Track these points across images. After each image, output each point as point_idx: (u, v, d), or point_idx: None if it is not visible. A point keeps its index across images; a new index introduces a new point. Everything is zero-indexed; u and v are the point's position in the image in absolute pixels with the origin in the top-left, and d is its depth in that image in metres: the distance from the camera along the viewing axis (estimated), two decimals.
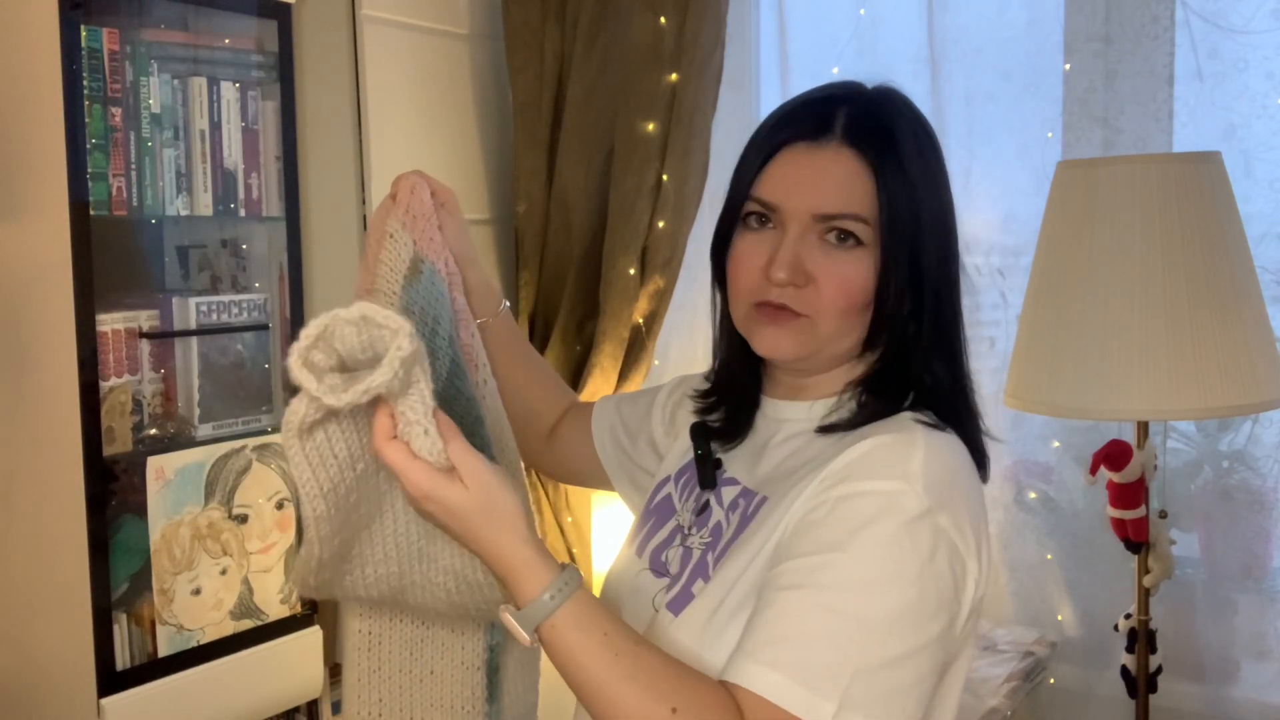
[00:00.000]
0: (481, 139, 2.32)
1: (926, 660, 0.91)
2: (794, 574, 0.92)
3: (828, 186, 1.00)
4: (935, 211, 1.03)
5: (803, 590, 0.90)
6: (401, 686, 1.05)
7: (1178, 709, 1.97)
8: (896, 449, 0.96)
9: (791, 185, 1.01)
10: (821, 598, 0.89)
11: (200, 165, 1.84)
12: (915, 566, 0.91)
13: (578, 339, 2.29)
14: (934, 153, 1.06)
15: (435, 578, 0.98)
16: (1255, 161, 1.93)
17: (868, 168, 1.00)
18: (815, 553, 0.92)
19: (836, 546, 0.91)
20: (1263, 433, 1.97)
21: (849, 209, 0.99)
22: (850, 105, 1.03)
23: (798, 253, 1.00)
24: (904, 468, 0.94)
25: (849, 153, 1.00)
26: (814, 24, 2.35)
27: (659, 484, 1.18)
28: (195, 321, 1.84)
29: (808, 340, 1.02)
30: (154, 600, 1.74)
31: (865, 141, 1.00)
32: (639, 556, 1.13)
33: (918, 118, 1.06)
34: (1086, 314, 1.62)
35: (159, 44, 1.79)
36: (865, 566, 0.90)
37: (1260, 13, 1.93)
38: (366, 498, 0.94)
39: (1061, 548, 2.13)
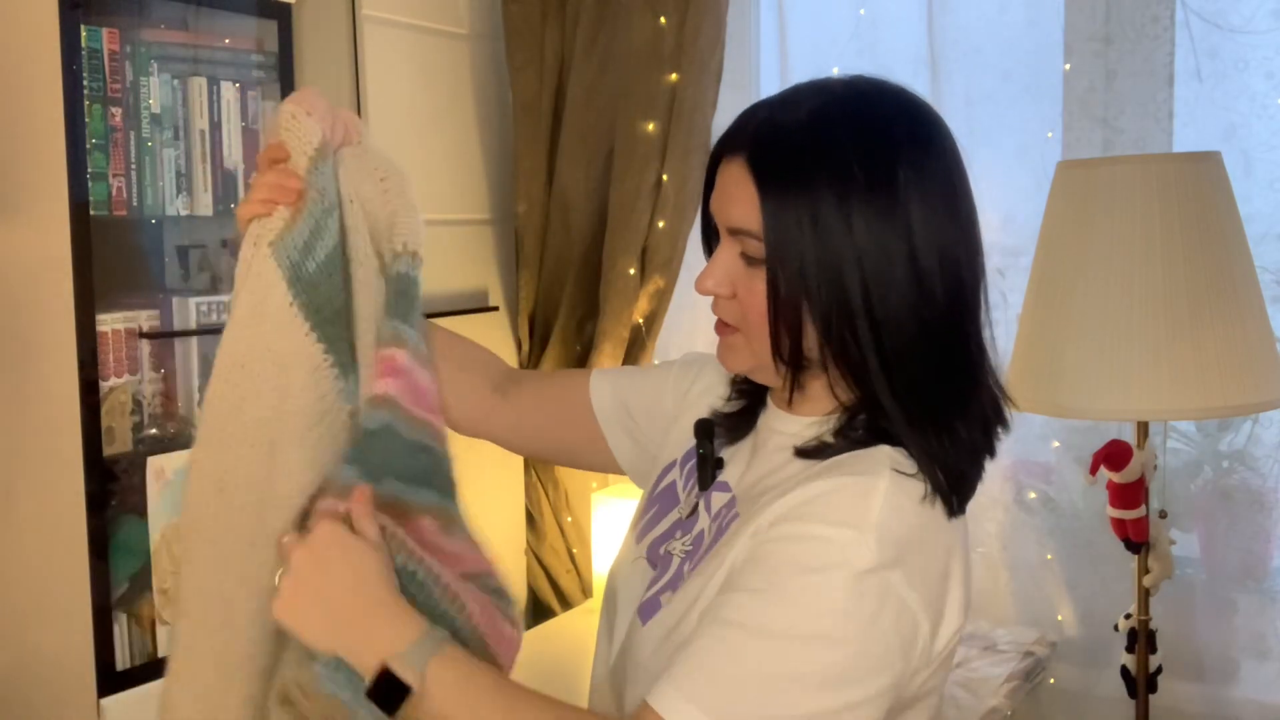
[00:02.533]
0: (481, 139, 2.32)
1: (863, 713, 0.89)
2: (733, 609, 0.90)
3: (732, 200, 0.97)
4: (836, 241, 0.91)
5: (737, 629, 0.88)
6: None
7: (1178, 709, 1.97)
8: (856, 494, 0.90)
9: (717, 197, 1.00)
10: (752, 642, 0.87)
11: (200, 165, 1.84)
12: (855, 626, 0.87)
13: (578, 339, 2.29)
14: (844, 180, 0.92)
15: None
16: (1255, 161, 1.93)
17: (755, 184, 0.94)
18: (757, 590, 0.89)
19: (777, 590, 0.88)
20: (1263, 433, 1.97)
21: (743, 224, 0.95)
22: (764, 118, 0.97)
23: (722, 266, 0.99)
24: (860, 516, 0.89)
25: (740, 165, 0.96)
26: (814, 24, 2.35)
27: (665, 468, 1.16)
28: (195, 321, 1.84)
29: (745, 354, 1.00)
30: (154, 600, 1.74)
31: (759, 157, 0.95)
32: (637, 544, 1.12)
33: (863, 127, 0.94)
34: (1086, 314, 1.62)
35: (159, 44, 1.79)
36: (802, 617, 0.87)
37: (1260, 13, 1.93)
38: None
39: (1061, 548, 2.13)
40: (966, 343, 0.98)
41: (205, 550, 0.96)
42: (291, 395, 0.96)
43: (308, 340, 0.96)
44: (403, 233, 1.05)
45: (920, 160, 0.94)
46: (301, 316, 0.96)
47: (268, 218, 0.97)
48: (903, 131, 0.95)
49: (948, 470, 0.94)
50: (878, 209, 0.91)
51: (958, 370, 0.97)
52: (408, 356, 1.00)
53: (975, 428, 0.97)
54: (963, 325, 0.97)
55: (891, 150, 0.93)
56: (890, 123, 0.95)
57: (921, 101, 1.00)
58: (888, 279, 0.92)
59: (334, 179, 1.00)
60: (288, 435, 0.96)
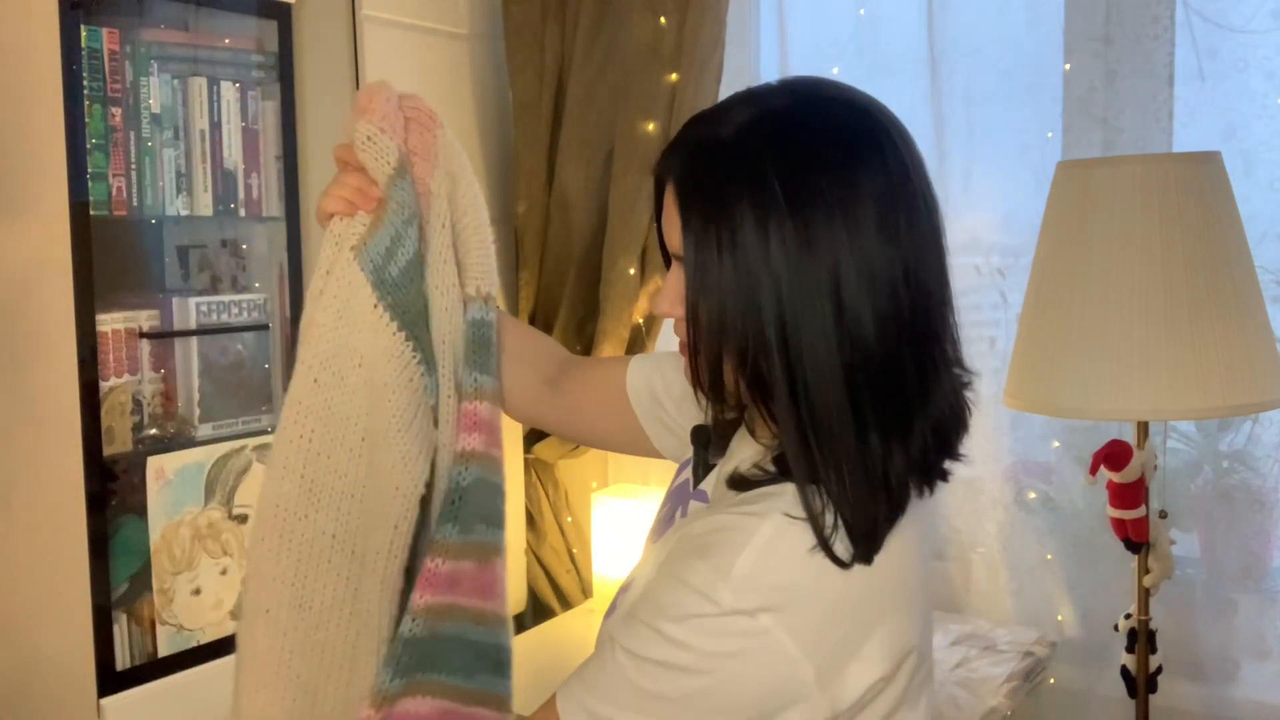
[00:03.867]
0: (481, 139, 2.32)
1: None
2: (620, 631, 0.92)
3: (667, 222, 0.94)
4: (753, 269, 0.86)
5: (621, 651, 0.91)
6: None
7: (1178, 709, 1.97)
8: (731, 539, 0.88)
9: (663, 219, 0.96)
10: (629, 662, 0.90)
11: (200, 165, 1.84)
12: (710, 661, 0.87)
13: (578, 339, 2.29)
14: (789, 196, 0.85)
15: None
16: (1255, 161, 1.93)
17: (677, 203, 0.91)
18: (639, 620, 0.91)
19: (651, 623, 0.89)
20: (1263, 433, 1.97)
21: (676, 249, 0.92)
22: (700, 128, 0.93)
23: (672, 288, 0.96)
24: (728, 561, 0.86)
25: (671, 188, 0.93)
26: (814, 24, 2.35)
27: (681, 466, 1.17)
28: (195, 321, 1.84)
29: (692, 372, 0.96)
30: (154, 600, 1.74)
31: (680, 176, 0.91)
32: (652, 544, 1.13)
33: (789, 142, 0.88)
34: (1086, 314, 1.62)
35: (159, 44, 1.79)
36: (666, 649, 0.88)
37: (1260, 13, 1.93)
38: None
39: (1061, 548, 2.13)
40: (901, 373, 0.89)
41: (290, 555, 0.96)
42: (387, 392, 0.97)
43: (396, 339, 0.98)
44: (477, 275, 1.07)
45: (852, 178, 0.87)
46: (389, 317, 0.97)
47: (349, 219, 0.99)
48: (834, 147, 0.88)
49: (852, 515, 0.88)
50: (799, 234, 0.85)
51: (889, 404, 0.88)
52: (489, 408, 1.03)
53: (902, 466, 0.90)
54: (899, 354, 0.88)
55: (818, 169, 0.86)
56: (821, 137, 0.88)
57: (868, 108, 0.92)
58: (806, 309, 0.85)
59: (413, 191, 1.02)
60: (387, 430, 0.97)
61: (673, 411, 1.18)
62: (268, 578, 0.95)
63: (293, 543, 0.95)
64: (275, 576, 0.95)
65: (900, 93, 2.20)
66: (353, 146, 1.02)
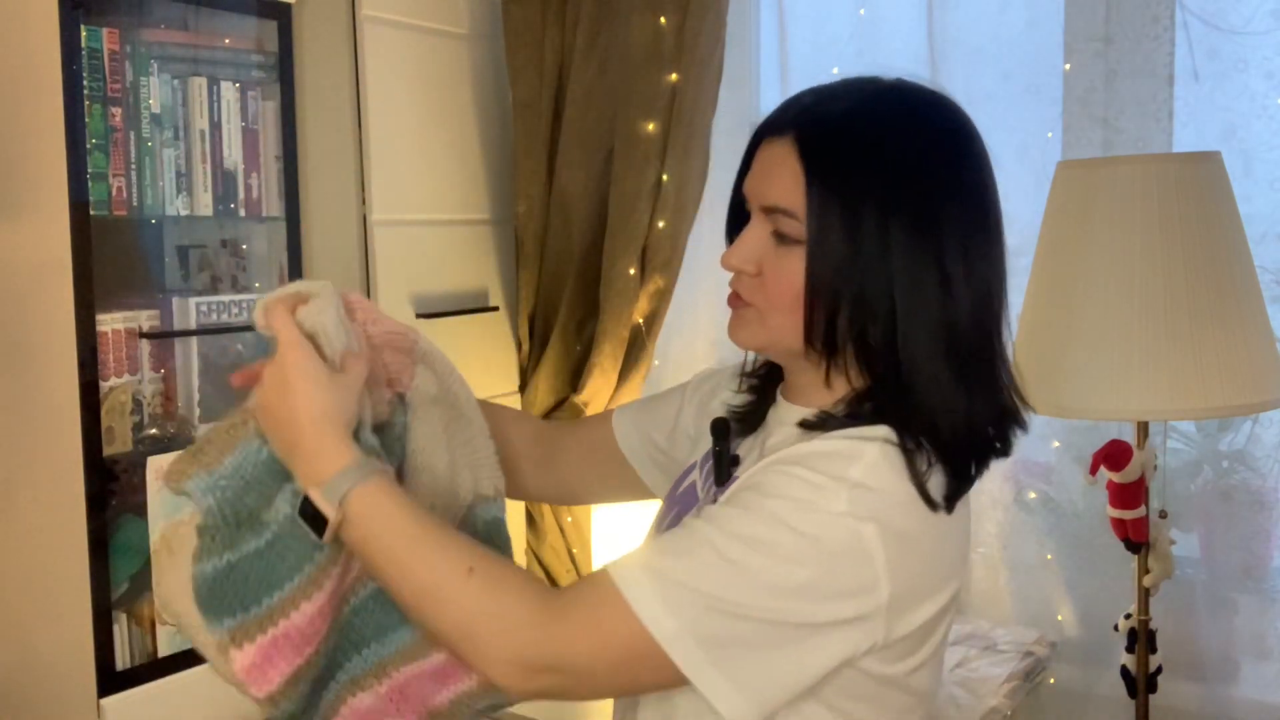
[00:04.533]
0: (481, 139, 2.32)
1: (805, 642, 0.91)
2: (708, 514, 0.95)
3: (772, 178, 1.00)
4: (859, 229, 0.95)
5: (703, 524, 0.93)
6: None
7: (1178, 709, 1.96)
8: (841, 453, 0.95)
9: (754, 176, 1.03)
10: (715, 536, 0.92)
11: (200, 165, 1.84)
12: (819, 551, 0.90)
13: (578, 339, 2.29)
14: (893, 170, 0.97)
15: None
16: (1255, 161, 1.93)
17: (802, 166, 0.97)
18: (731, 505, 0.94)
19: (749, 507, 0.92)
20: (1263, 433, 1.97)
21: (781, 202, 0.98)
22: (812, 103, 1.01)
23: (751, 243, 1.01)
24: (841, 470, 0.93)
25: (788, 146, 0.99)
26: (814, 24, 2.34)
27: (685, 471, 1.18)
28: (195, 321, 1.84)
29: (758, 330, 1.03)
30: (154, 600, 1.74)
31: (808, 140, 0.98)
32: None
33: (890, 131, 0.99)
34: (1086, 314, 1.62)
35: (159, 44, 1.79)
36: (769, 529, 0.91)
37: (1259, 13, 1.93)
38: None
39: (1061, 548, 2.13)
40: (986, 336, 1.00)
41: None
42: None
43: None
44: (490, 474, 1.13)
45: (959, 164, 1.02)
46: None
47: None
48: (946, 137, 1.02)
49: (945, 458, 0.96)
50: (918, 208, 0.96)
51: (978, 362, 0.99)
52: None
53: (986, 419, 0.99)
54: (984, 325, 1.00)
55: (935, 152, 1.00)
56: (935, 125, 1.02)
57: (959, 108, 1.06)
58: (917, 271, 0.96)
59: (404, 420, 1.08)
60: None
61: (665, 446, 1.24)
62: None
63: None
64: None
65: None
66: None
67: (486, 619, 0.92)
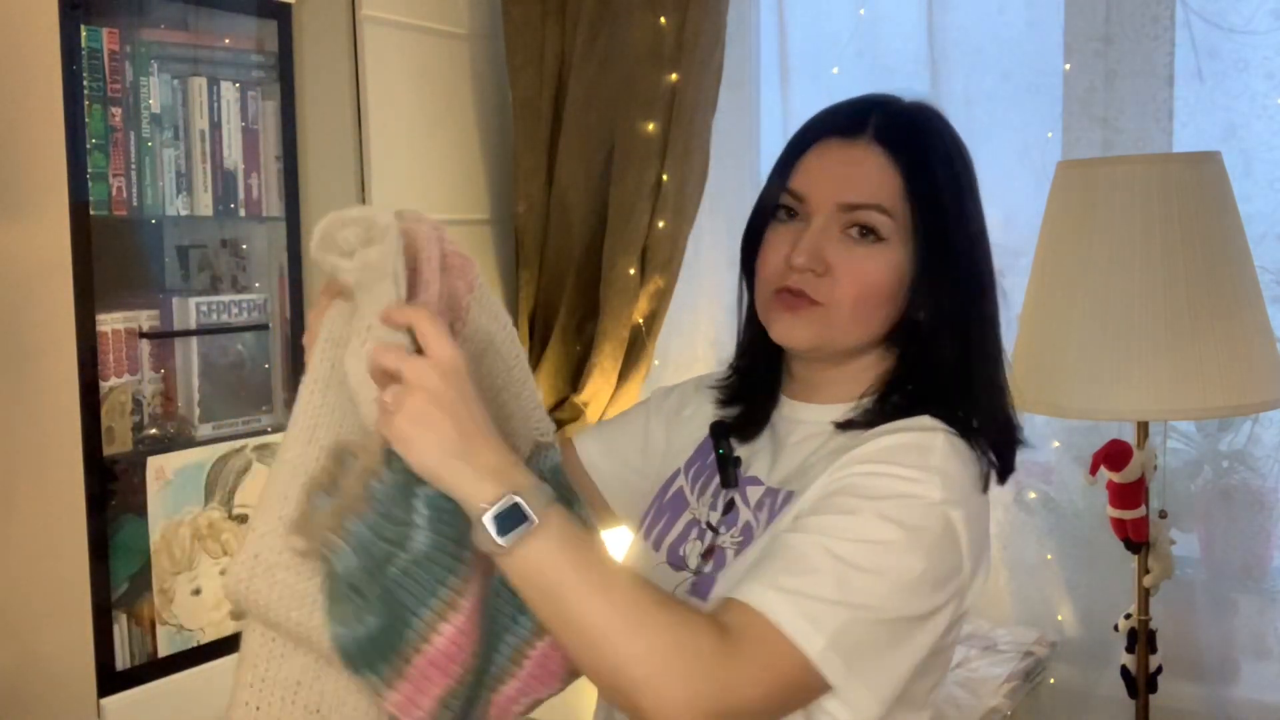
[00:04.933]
0: (481, 139, 2.32)
1: (917, 633, 0.94)
2: (806, 525, 0.95)
3: (855, 177, 1.03)
4: (962, 219, 1.06)
5: (813, 536, 0.93)
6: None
7: (1178, 709, 1.96)
8: (917, 444, 0.99)
9: (820, 176, 1.04)
10: (833, 544, 0.92)
11: (200, 165, 1.84)
12: (926, 540, 0.94)
13: (578, 339, 2.29)
14: (965, 166, 1.08)
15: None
16: (1255, 161, 1.93)
17: (895, 165, 1.03)
18: (831, 513, 0.95)
19: (854, 510, 0.94)
20: (1263, 433, 1.97)
21: (873, 199, 1.02)
22: (885, 107, 1.07)
23: (819, 241, 1.03)
24: (924, 460, 0.97)
25: (878, 149, 1.03)
26: (814, 24, 2.34)
27: (670, 477, 1.18)
28: (195, 321, 1.84)
29: (821, 329, 1.04)
30: (154, 600, 1.74)
31: (895, 140, 1.04)
32: (655, 550, 1.13)
33: (952, 132, 1.09)
34: (1086, 314, 1.62)
35: (159, 44, 1.79)
36: (880, 528, 0.93)
37: (1260, 13, 1.93)
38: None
39: (1061, 548, 2.13)
40: (998, 328, 1.10)
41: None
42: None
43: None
44: (539, 421, 1.06)
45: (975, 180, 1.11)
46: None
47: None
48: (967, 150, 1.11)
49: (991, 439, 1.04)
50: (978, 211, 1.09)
51: (999, 353, 1.09)
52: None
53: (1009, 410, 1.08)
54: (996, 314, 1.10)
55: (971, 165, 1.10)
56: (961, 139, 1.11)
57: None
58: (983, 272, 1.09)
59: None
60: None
61: (639, 464, 1.24)
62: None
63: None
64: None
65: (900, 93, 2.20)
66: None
67: (664, 664, 0.86)
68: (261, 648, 0.94)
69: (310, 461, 0.92)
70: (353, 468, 0.89)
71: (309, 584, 0.90)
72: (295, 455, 0.92)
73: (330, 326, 0.94)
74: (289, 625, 0.91)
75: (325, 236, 0.91)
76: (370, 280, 0.89)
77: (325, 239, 0.90)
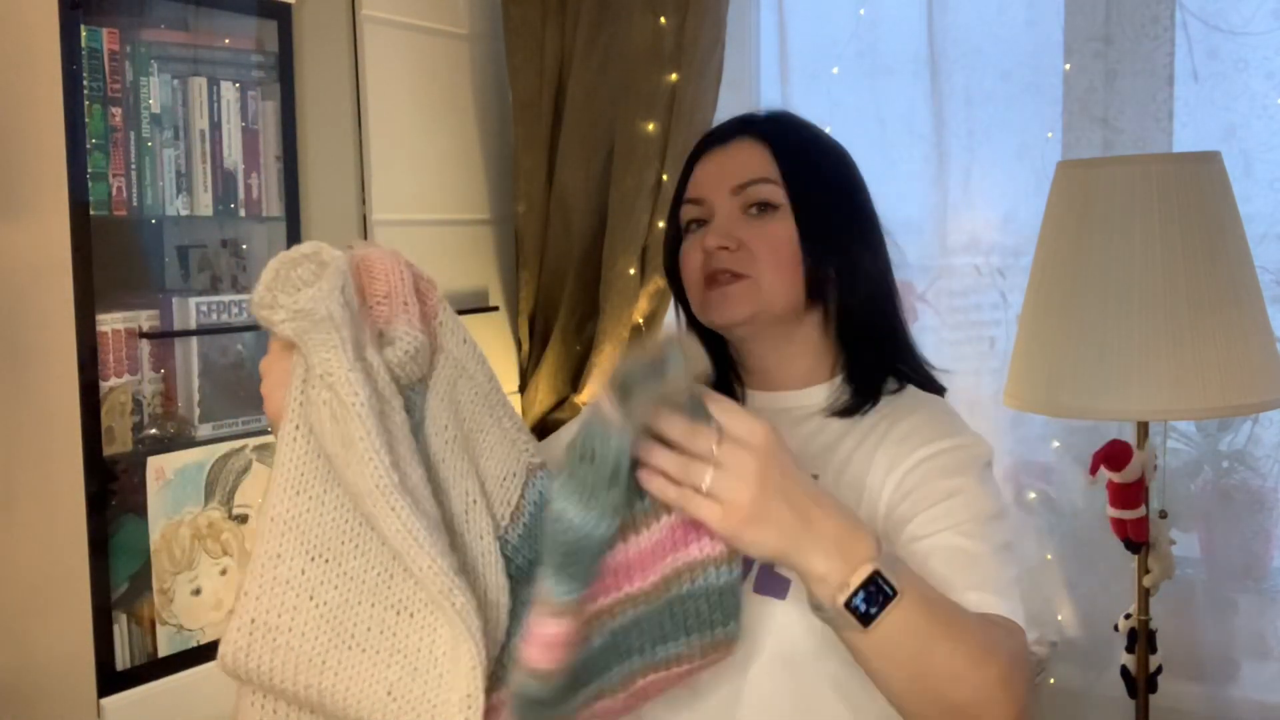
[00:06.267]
0: (481, 139, 2.32)
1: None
2: (930, 523, 1.03)
3: (738, 163, 1.18)
4: (832, 179, 1.20)
5: (948, 532, 1.03)
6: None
7: (1178, 709, 1.96)
8: (943, 414, 1.15)
9: (710, 175, 1.20)
10: (980, 526, 1.03)
11: (200, 165, 1.84)
12: (1000, 500, 1.09)
13: (578, 339, 2.29)
14: (829, 141, 1.24)
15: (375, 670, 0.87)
16: (1255, 161, 1.93)
17: (766, 145, 1.18)
18: (938, 501, 1.04)
19: (953, 493, 1.04)
20: (1263, 433, 1.97)
21: (758, 174, 1.16)
22: (750, 116, 1.24)
23: (726, 225, 1.16)
24: (958, 425, 1.14)
25: (750, 140, 1.19)
26: (814, 24, 2.34)
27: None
28: (195, 321, 1.84)
29: (753, 299, 1.14)
30: (154, 600, 1.74)
31: (763, 131, 1.20)
32: None
33: (811, 123, 1.26)
34: (1086, 314, 1.62)
35: (159, 44, 1.79)
36: (983, 502, 1.05)
37: (1260, 13, 1.93)
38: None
39: (1061, 548, 2.13)
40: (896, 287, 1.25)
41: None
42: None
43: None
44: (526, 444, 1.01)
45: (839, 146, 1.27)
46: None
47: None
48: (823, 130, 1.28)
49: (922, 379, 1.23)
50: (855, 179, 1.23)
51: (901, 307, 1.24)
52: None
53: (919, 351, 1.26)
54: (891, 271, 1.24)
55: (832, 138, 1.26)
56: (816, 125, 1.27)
57: None
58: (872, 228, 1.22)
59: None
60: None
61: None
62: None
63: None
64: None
65: (900, 93, 2.20)
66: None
67: (1005, 685, 0.89)
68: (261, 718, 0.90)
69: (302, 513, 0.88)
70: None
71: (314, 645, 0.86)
72: (285, 510, 0.88)
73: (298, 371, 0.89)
74: (295, 690, 0.87)
75: (277, 278, 0.87)
76: (306, 328, 0.85)
77: (277, 279, 0.87)
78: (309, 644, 0.87)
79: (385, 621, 0.87)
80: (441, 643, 0.86)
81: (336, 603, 0.87)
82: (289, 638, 0.87)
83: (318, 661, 0.87)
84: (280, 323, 0.86)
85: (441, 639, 0.86)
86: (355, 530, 0.89)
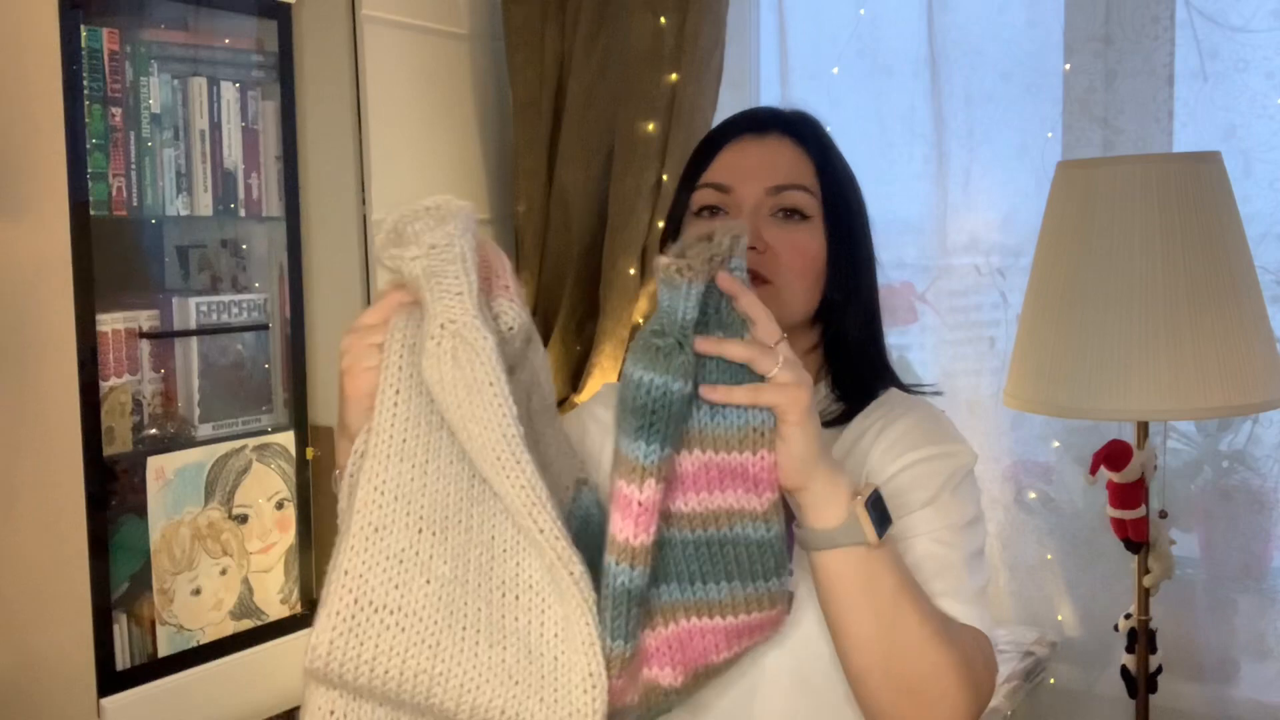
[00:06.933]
0: (481, 139, 2.32)
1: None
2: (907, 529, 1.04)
3: (777, 163, 1.13)
4: (856, 204, 1.17)
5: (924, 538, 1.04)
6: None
7: (1178, 709, 1.97)
8: (932, 419, 1.13)
9: (743, 166, 1.13)
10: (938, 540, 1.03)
11: (200, 165, 1.84)
12: (978, 508, 1.09)
13: (578, 339, 2.29)
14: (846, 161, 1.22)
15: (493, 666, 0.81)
16: (1255, 161, 1.93)
17: (806, 152, 1.14)
18: (916, 509, 1.04)
19: (932, 501, 1.05)
20: (1263, 433, 1.97)
21: (798, 180, 1.12)
22: (780, 112, 1.19)
23: (755, 224, 1.10)
24: (947, 432, 1.12)
25: (789, 140, 1.14)
26: (814, 24, 2.35)
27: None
28: (195, 321, 1.84)
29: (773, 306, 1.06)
30: (154, 600, 1.74)
31: (801, 134, 1.15)
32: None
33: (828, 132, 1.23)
34: (1086, 314, 1.62)
35: (159, 44, 1.79)
36: (960, 510, 1.06)
37: (1260, 12, 1.93)
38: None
39: (1061, 548, 2.13)
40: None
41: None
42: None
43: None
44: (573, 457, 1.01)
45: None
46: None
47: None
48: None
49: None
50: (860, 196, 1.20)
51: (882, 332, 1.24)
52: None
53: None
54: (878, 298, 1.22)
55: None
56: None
57: None
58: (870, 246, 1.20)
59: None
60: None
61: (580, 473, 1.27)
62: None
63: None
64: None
65: (900, 93, 2.20)
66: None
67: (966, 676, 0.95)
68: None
69: (407, 481, 0.82)
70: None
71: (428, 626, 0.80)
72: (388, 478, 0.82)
73: (404, 332, 0.85)
74: (401, 680, 0.80)
75: (395, 231, 0.85)
76: (439, 265, 0.83)
77: (395, 233, 0.85)
78: (423, 625, 0.80)
79: (493, 601, 0.81)
80: (551, 624, 0.81)
81: (447, 578, 0.81)
82: (399, 618, 0.79)
83: (431, 643, 0.80)
84: (412, 259, 0.83)
85: (550, 619, 0.81)
86: (460, 502, 0.83)
